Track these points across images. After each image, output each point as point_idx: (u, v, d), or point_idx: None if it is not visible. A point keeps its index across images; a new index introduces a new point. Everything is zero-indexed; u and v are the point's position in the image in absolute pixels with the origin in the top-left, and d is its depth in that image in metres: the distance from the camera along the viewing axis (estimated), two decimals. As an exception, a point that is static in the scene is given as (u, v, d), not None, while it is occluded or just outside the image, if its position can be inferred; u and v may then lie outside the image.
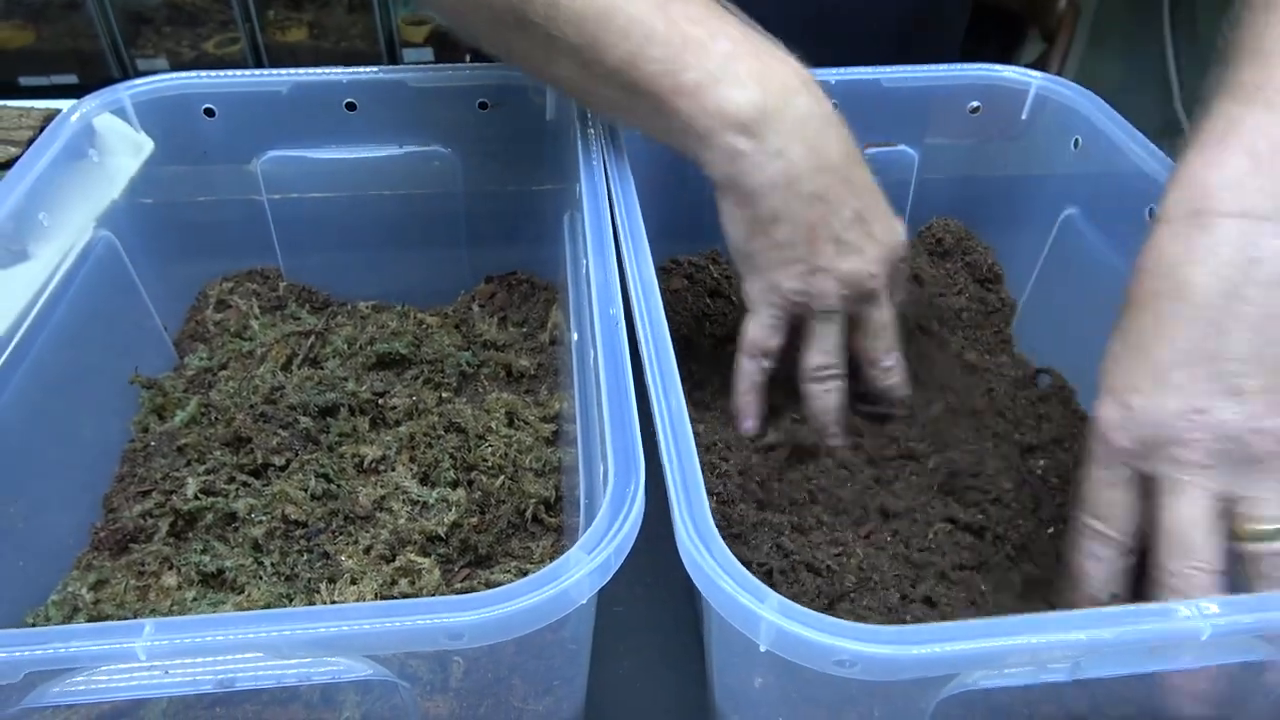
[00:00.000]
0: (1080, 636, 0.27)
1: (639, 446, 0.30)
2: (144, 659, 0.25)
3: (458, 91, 0.53)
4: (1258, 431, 0.33)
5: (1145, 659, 0.29)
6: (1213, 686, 0.32)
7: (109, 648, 0.25)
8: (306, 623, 0.26)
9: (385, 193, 0.56)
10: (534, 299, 0.57)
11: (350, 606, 0.26)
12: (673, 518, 0.29)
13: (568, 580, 0.26)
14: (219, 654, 0.26)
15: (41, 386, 0.42)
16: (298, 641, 0.26)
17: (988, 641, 0.27)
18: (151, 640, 0.25)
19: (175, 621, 0.26)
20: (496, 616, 0.26)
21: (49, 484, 0.42)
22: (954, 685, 0.29)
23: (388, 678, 0.28)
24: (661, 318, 0.38)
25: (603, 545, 0.27)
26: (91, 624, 0.31)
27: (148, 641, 0.25)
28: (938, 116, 0.54)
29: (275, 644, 0.26)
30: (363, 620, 0.26)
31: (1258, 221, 0.33)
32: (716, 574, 0.28)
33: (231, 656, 0.26)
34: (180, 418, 0.47)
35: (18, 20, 1.35)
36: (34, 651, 0.25)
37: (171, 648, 0.25)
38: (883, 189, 0.43)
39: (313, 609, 0.27)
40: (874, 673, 0.27)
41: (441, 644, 0.26)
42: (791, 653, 0.27)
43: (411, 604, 0.26)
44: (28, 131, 0.66)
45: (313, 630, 0.26)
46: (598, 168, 0.45)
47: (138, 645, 0.25)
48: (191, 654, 0.26)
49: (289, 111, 0.53)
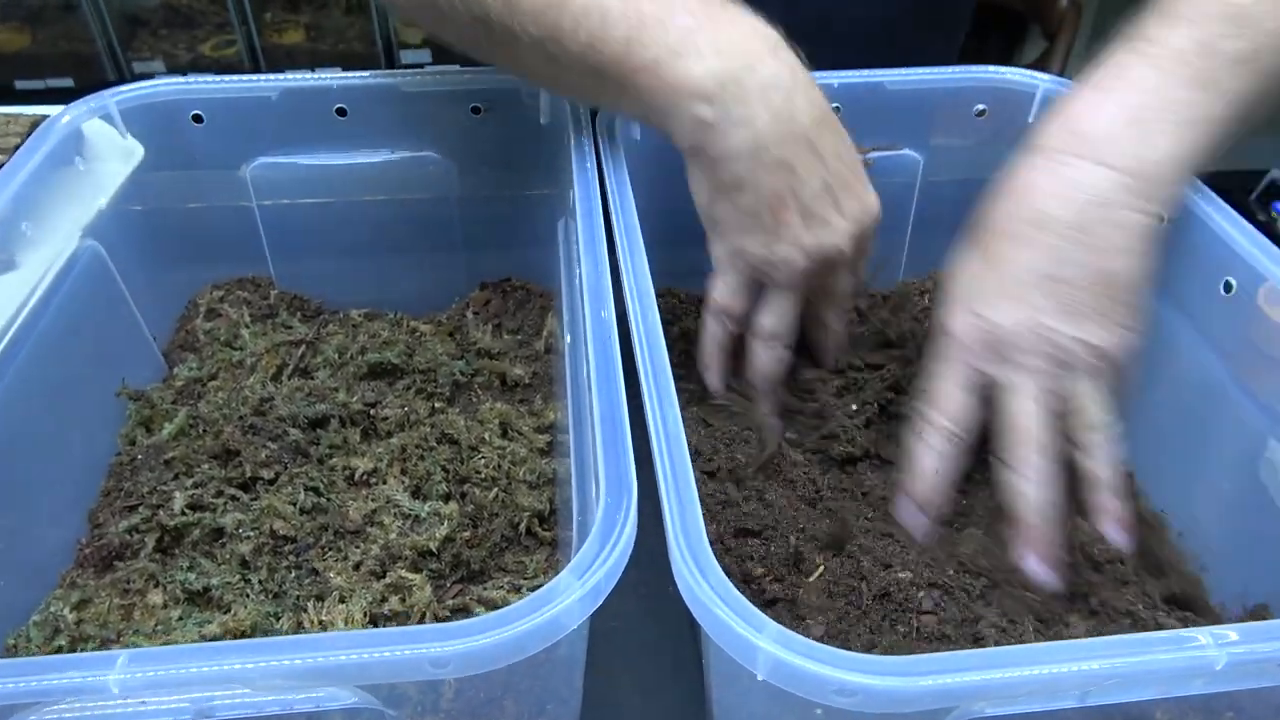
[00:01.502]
0: (1092, 666, 0.26)
1: (631, 466, 0.29)
2: (116, 692, 0.24)
3: (450, 96, 0.52)
4: (1086, 345, 0.38)
5: (1157, 686, 0.28)
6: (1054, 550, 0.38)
7: (80, 680, 0.24)
8: (286, 654, 0.25)
9: (378, 199, 0.55)
10: (529, 305, 0.56)
11: (331, 636, 0.25)
12: (668, 545, 0.28)
13: (557, 606, 0.25)
14: (195, 686, 0.25)
15: (27, 400, 0.41)
16: (277, 673, 0.25)
17: (994, 673, 0.26)
18: (125, 673, 0.24)
19: (150, 652, 0.25)
20: (483, 646, 0.25)
21: (34, 499, 0.41)
22: (958, 715, 0.28)
23: (373, 705, 0.27)
24: (657, 323, 0.37)
25: (593, 569, 0.26)
26: (63, 655, 0.31)
27: (121, 674, 0.24)
28: (943, 119, 0.53)
29: (254, 676, 0.25)
30: (345, 651, 0.25)
31: (1113, 172, 0.39)
32: (714, 602, 0.27)
33: (209, 689, 0.25)
34: (168, 430, 0.46)
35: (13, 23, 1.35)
36: (3, 685, 0.24)
37: (145, 681, 0.24)
38: (868, 172, 0.43)
39: (293, 639, 0.26)
40: (875, 704, 0.26)
41: (427, 673, 0.25)
42: (790, 683, 0.26)
43: (396, 633, 0.25)
44: (15, 138, 0.65)
45: (293, 661, 0.25)
46: (591, 172, 0.45)
47: (110, 678, 0.24)
48: (167, 687, 0.25)
49: (279, 117, 0.52)
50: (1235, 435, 0.41)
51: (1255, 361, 0.40)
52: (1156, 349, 0.46)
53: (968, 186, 0.56)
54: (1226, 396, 0.42)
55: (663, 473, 0.30)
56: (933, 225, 0.58)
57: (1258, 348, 0.40)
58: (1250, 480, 0.40)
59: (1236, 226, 0.41)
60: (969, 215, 0.57)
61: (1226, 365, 0.42)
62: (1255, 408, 0.40)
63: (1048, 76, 0.52)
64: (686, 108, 0.38)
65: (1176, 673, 0.27)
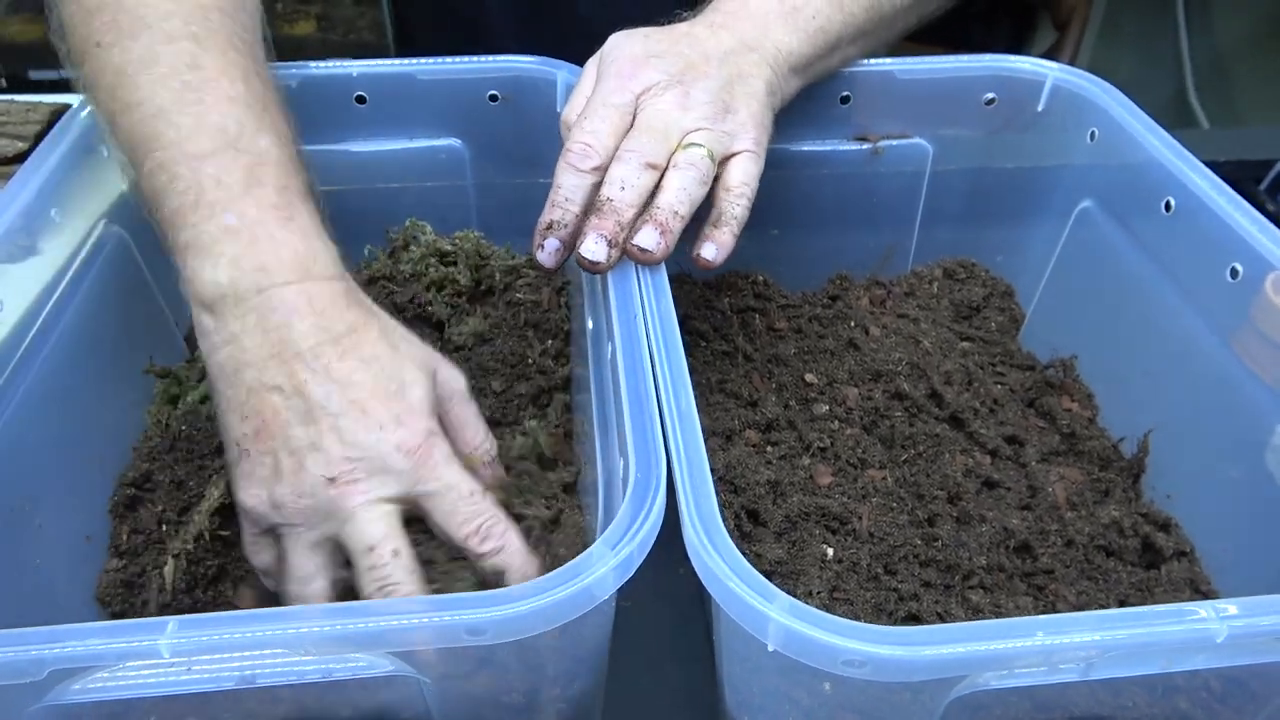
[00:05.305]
0: (1094, 637, 0.27)
1: (660, 442, 0.30)
2: (167, 656, 0.25)
3: (468, 84, 0.53)
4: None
5: (1159, 659, 0.29)
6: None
7: (133, 645, 0.26)
8: (329, 619, 0.26)
9: (395, 186, 0.56)
10: (544, 290, 0.57)
11: (371, 604, 0.26)
12: (681, 518, 0.29)
13: (590, 577, 0.27)
14: (242, 650, 0.26)
15: (55, 383, 0.42)
16: (320, 638, 0.26)
17: (1000, 643, 0.27)
18: (175, 637, 0.25)
19: (198, 618, 0.26)
20: (519, 613, 0.26)
21: (62, 481, 0.43)
22: (965, 686, 0.29)
23: (409, 673, 0.28)
24: (671, 312, 0.38)
25: (625, 540, 0.27)
26: (115, 621, 0.32)
27: (171, 639, 0.25)
28: (952, 108, 0.54)
29: (298, 640, 0.26)
30: (386, 617, 0.26)
31: (746, 50, 0.44)
32: (725, 574, 0.28)
33: (254, 653, 0.26)
34: (195, 395, 0.47)
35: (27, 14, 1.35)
36: (58, 649, 0.26)
37: (195, 644, 0.26)
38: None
39: (334, 606, 0.27)
40: (884, 674, 0.27)
41: (463, 640, 0.26)
42: (800, 653, 0.27)
43: (433, 600, 0.26)
44: (35, 126, 0.65)
45: (335, 627, 0.26)
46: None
47: (161, 642, 0.25)
48: (215, 650, 0.26)
49: (298, 105, 0.52)
50: (1242, 422, 0.42)
51: (1261, 348, 0.41)
52: (1163, 335, 0.47)
53: (977, 176, 0.57)
54: (1232, 383, 0.42)
55: (675, 449, 0.31)
56: (942, 214, 0.58)
57: (1264, 334, 0.41)
58: (1257, 467, 0.41)
59: (1243, 213, 0.42)
60: (978, 204, 0.58)
61: (1232, 352, 0.43)
62: (1262, 394, 0.41)
63: (1057, 65, 0.53)
64: (194, 308, 0.36)
65: (1178, 644, 0.28)
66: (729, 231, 0.41)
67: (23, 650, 0.25)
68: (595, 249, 0.39)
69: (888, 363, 0.51)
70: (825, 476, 0.45)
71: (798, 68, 0.46)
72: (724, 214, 0.41)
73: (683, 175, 0.40)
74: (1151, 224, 0.47)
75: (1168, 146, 0.46)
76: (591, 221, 0.39)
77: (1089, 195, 0.52)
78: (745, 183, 0.42)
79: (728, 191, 0.42)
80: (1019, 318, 0.58)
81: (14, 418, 0.39)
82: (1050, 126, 0.53)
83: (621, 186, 0.40)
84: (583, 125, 0.41)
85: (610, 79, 0.42)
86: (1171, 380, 0.47)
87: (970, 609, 0.40)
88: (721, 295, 0.55)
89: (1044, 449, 0.48)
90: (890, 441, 0.48)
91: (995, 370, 0.53)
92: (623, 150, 0.40)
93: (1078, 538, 0.43)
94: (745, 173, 0.42)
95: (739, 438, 0.47)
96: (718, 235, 0.41)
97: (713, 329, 0.53)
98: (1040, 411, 0.51)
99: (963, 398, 0.49)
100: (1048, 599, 0.41)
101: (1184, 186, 0.44)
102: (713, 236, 0.41)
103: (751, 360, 0.52)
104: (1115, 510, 0.45)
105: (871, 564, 0.41)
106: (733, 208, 0.42)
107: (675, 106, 0.42)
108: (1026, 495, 0.46)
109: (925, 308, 0.57)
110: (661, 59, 0.43)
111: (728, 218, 0.41)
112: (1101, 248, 0.51)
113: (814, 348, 0.52)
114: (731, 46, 0.44)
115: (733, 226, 0.41)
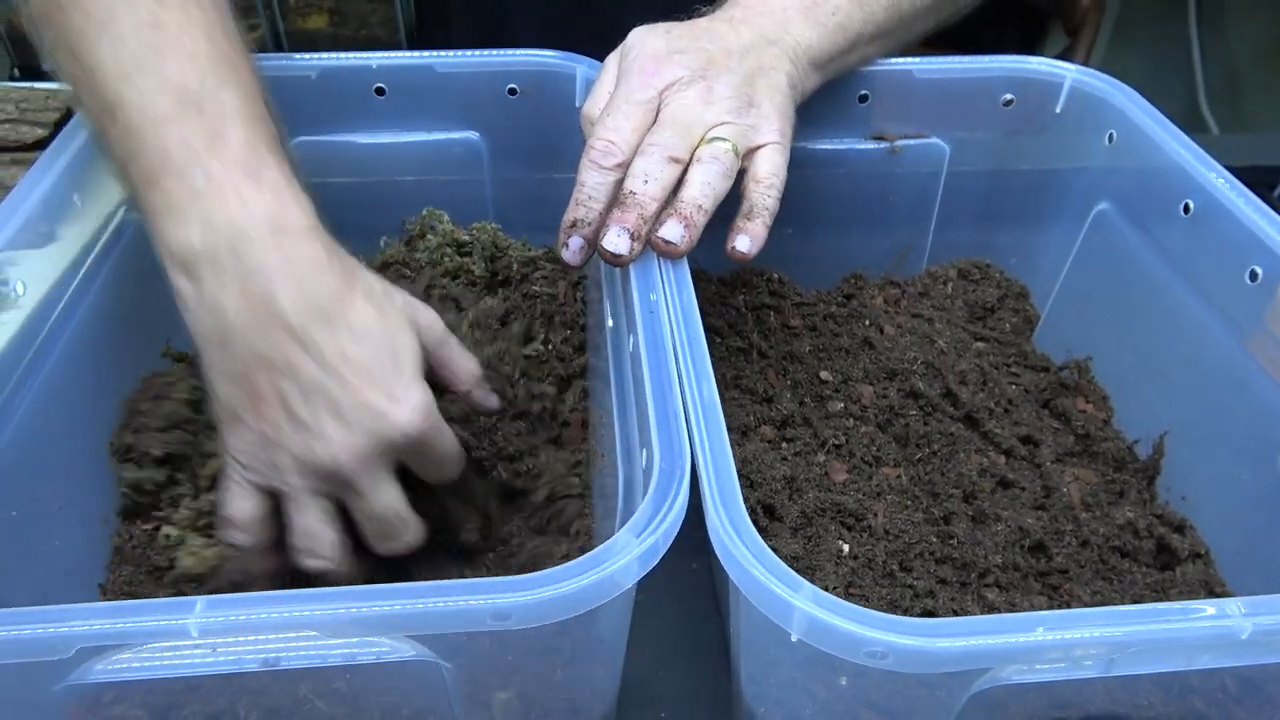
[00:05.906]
0: (1119, 632, 0.27)
1: (684, 433, 0.31)
2: (196, 635, 0.26)
3: (487, 77, 0.53)
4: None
5: (1181, 656, 0.29)
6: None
7: (162, 624, 0.26)
8: (355, 601, 0.26)
9: (412, 178, 0.56)
10: (560, 284, 0.57)
11: (397, 587, 0.27)
12: (705, 506, 0.29)
13: (615, 564, 0.27)
14: (269, 631, 0.26)
15: (74, 368, 0.42)
16: (347, 620, 0.26)
17: (1023, 636, 0.27)
18: (203, 617, 0.26)
19: (226, 599, 0.26)
20: (543, 599, 0.26)
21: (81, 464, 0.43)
22: (986, 680, 0.29)
23: (431, 659, 0.29)
24: (693, 303, 0.38)
25: (650, 529, 0.27)
26: (143, 600, 0.32)
27: (200, 618, 0.26)
28: (970, 109, 0.54)
29: (325, 622, 0.26)
30: (411, 600, 0.26)
31: (767, 44, 0.45)
32: (749, 562, 0.28)
33: (280, 635, 0.26)
34: None
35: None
36: (86, 627, 0.26)
37: (223, 624, 0.26)
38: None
39: (360, 589, 0.27)
40: (907, 665, 0.27)
41: (488, 625, 0.26)
42: (823, 643, 0.27)
43: (459, 584, 0.26)
44: (54, 113, 0.66)
45: (362, 609, 0.26)
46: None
47: (190, 621, 0.25)
48: (242, 631, 0.26)
49: (317, 97, 0.53)
50: (1258, 425, 0.42)
51: (1277, 351, 0.41)
52: (1179, 338, 0.47)
53: (994, 177, 0.57)
54: (1249, 385, 0.42)
55: (699, 440, 0.31)
56: (958, 215, 0.59)
57: (1278, 338, 0.41)
58: (1273, 471, 0.41)
59: (1263, 215, 0.42)
60: (994, 206, 0.58)
61: (1249, 355, 0.43)
62: (1278, 398, 0.41)
63: (1075, 67, 0.53)
64: (169, 270, 0.35)
65: (1201, 640, 0.28)
66: (761, 223, 0.41)
67: (52, 627, 0.26)
68: (617, 241, 0.39)
69: (902, 361, 0.51)
70: (840, 473, 0.46)
71: (817, 63, 0.47)
72: (755, 205, 0.41)
73: (706, 169, 0.40)
74: (1170, 227, 0.47)
75: (1187, 149, 0.46)
76: (614, 214, 0.39)
77: (1106, 198, 0.52)
78: (774, 174, 0.42)
79: (757, 183, 0.42)
80: (1033, 319, 0.58)
81: (35, 401, 0.39)
82: (1068, 128, 0.53)
83: (645, 180, 0.40)
84: (605, 122, 0.41)
85: (633, 75, 0.43)
86: (1187, 383, 0.47)
87: (985, 607, 0.40)
88: (736, 292, 0.55)
89: (1059, 449, 0.48)
90: (905, 440, 0.48)
91: (1010, 371, 0.53)
92: (646, 144, 0.41)
93: (1092, 538, 0.43)
94: (773, 164, 0.42)
95: (754, 433, 0.48)
96: (750, 227, 0.41)
97: (728, 325, 0.53)
98: (1055, 412, 0.51)
99: (977, 397, 0.49)
100: (1062, 598, 0.41)
101: (1204, 189, 0.44)
102: (745, 228, 0.41)
103: (766, 357, 0.52)
104: (1130, 511, 0.45)
105: (887, 560, 0.41)
106: (764, 199, 0.42)
107: (698, 101, 0.42)
108: (1041, 495, 0.46)
109: (940, 308, 0.57)
110: (684, 55, 0.43)
111: (759, 209, 0.41)
112: (1118, 250, 0.51)
113: (829, 345, 0.53)
114: (752, 41, 0.44)
115: (765, 218, 0.41)
